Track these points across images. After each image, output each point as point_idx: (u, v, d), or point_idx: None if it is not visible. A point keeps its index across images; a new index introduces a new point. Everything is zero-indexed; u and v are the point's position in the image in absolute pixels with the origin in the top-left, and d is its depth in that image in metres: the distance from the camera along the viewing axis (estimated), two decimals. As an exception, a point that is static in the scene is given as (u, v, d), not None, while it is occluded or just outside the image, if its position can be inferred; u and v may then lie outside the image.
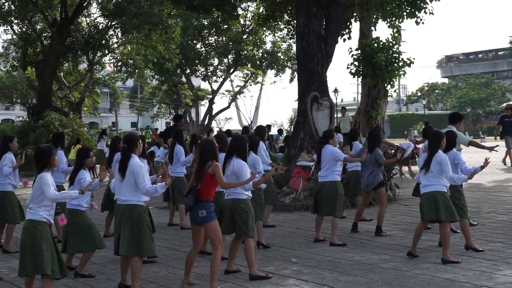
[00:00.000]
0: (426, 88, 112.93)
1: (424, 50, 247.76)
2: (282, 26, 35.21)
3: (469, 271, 8.49)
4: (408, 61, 21.15)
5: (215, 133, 26.39)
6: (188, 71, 49.41)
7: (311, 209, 11.60)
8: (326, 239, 10.93)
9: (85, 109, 47.95)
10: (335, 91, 68.79)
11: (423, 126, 12.96)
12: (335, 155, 10.62)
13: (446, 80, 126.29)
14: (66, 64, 39.37)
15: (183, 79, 50.92)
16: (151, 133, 42.04)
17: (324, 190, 10.72)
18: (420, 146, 12.35)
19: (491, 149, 11.64)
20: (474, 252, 9.63)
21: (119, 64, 42.66)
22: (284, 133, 35.10)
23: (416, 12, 21.71)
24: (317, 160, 11.00)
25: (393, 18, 22.06)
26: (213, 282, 7.63)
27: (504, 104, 32.71)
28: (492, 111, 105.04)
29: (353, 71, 21.66)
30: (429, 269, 8.66)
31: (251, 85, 52.51)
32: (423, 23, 22.02)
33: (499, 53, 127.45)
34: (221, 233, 7.86)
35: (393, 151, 13.83)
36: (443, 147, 9.13)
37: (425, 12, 21.69)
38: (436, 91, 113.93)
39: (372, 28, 22.48)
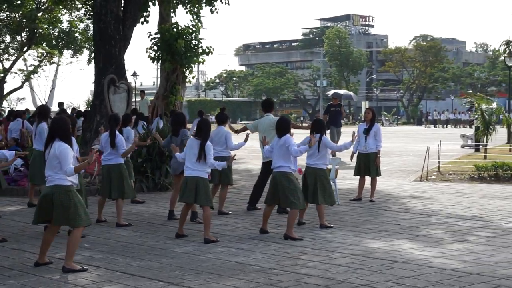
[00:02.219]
0: (224, 75, 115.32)
1: (223, 38, 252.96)
2: (79, 6, 34.13)
3: (258, 254, 8.79)
4: (207, 50, 21.40)
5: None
6: (-23, 47, 46.38)
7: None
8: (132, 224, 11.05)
9: None
10: (134, 74, 68.26)
11: (217, 112, 13.19)
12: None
13: (243, 68, 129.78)
14: None
15: (-29, 55, 47.73)
16: None
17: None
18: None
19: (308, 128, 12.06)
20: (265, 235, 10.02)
21: None
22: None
23: (212, 1, 22.02)
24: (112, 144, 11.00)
25: (192, 4, 22.22)
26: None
27: (330, 92, 30.52)
28: (285, 99, 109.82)
29: (152, 55, 21.52)
30: (221, 253, 8.84)
31: (46, 65, 50.41)
32: (217, 12, 22.38)
33: (293, 44, 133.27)
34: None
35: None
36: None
37: (221, 2, 22.08)
38: (234, 78, 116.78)
39: (172, 13, 22.47)
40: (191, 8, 22.23)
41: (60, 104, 27.79)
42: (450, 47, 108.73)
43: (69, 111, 31.27)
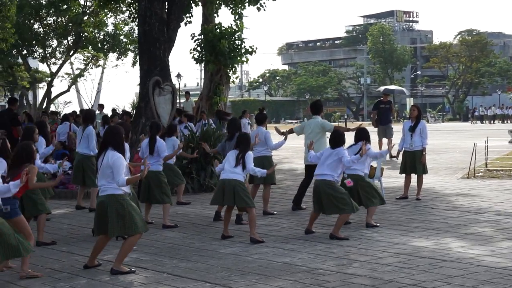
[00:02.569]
0: (267, 74, 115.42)
1: (266, 37, 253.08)
2: (124, 9, 34.49)
3: (305, 254, 8.76)
4: (251, 49, 21.44)
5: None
6: (25, 52, 47.25)
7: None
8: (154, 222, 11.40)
9: None
10: (178, 76, 68.69)
11: (257, 112, 13.21)
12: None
13: (286, 67, 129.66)
14: None
15: (20, 60, 48.64)
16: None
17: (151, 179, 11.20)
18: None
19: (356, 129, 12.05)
20: (311, 235, 9.98)
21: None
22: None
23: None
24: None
25: (235, 4, 22.26)
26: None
27: (381, 88, 29.41)
28: (329, 98, 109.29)
29: (195, 56, 21.66)
30: (267, 254, 8.84)
31: (92, 68, 51.09)
32: (264, 9, 22.34)
33: (336, 42, 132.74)
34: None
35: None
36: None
37: (267, -1, 22.05)
38: (277, 77, 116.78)
39: (215, 13, 22.58)
40: (235, 8, 22.27)
41: (101, 107, 28.10)
42: (497, 41, 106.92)
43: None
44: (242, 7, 22.35)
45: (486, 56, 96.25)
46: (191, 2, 22.15)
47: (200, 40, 21.24)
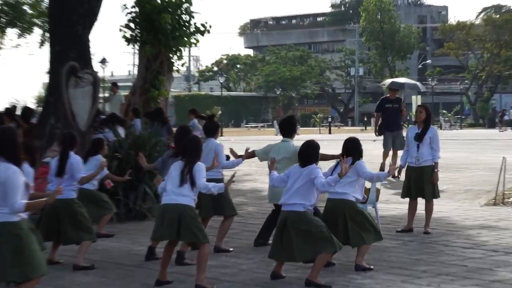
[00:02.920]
0: (224, 61, 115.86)
1: (224, 12, 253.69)
2: (29, -32, 34.25)
3: None
4: (203, 28, 21.38)
5: None
6: None
7: None
8: None
9: None
10: (103, 61, 68.56)
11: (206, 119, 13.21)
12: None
13: (251, 52, 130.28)
14: None
15: None
16: None
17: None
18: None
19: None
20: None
21: None
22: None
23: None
24: None
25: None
26: None
27: (387, 82, 27.78)
28: (308, 94, 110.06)
29: (127, 35, 21.53)
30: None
31: (-19, 48, 50.65)
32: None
33: (318, 19, 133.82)
34: None
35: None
36: None
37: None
38: (238, 65, 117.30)
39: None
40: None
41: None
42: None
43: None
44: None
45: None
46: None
47: (134, 14, 21.09)
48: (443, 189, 16.14)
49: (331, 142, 10.08)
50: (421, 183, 13.53)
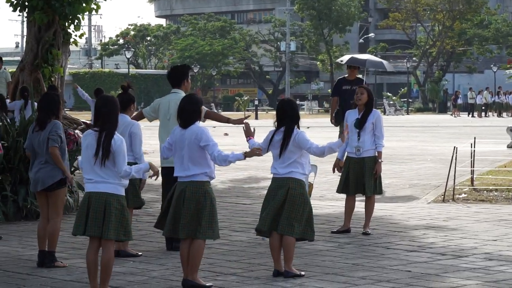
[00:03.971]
0: (132, 33, 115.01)
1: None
2: None
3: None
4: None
5: None
6: None
7: None
8: None
9: None
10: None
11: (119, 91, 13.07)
12: None
13: (163, 22, 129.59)
14: None
15: None
16: None
17: None
18: None
19: (240, 122, 12.06)
20: None
21: None
22: None
23: None
24: None
25: None
26: None
27: (345, 58, 23.79)
28: (230, 72, 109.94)
29: (12, 0, 21.32)
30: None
31: None
32: None
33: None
34: None
35: (77, 131, 13.79)
36: None
37: None
38: (148, 38, 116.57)
39: None
40: None
41: None
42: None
43: None
44: None
45: (475, 11, 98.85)
46: None
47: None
48: (385, 183, 16.35)
49: (258, 129, 10.00)
50: (361, 176, 13.65)
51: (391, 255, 12.15)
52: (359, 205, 14.06)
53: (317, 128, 43.65)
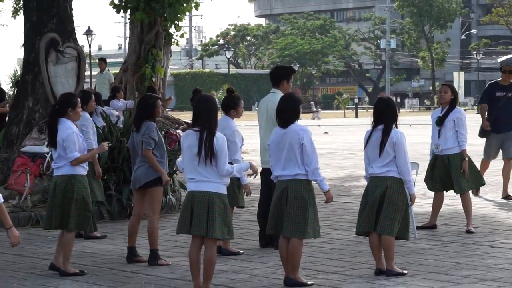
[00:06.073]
0: (232, 33, 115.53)
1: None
2: None
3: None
4: (204, -9, 21.44)
5: None
6: None
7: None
8: None
9: None
10: (89, 33, 68.46)
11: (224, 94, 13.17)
12: None
13: (263, 21, 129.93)
14: None
15: None
16: None
17: None
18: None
19: None
20: None
21: None
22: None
23: None
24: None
25: None
26: None
27: (501, 59, 20.71)
28: (330, 71, 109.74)
29: (116, 2, 21.62)
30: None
31: None
32: None
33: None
34: None
35: (178, 131, 13.92)
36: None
37: None
38: (248, 38, 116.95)
39: None
40: None
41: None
42: None
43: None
44: None
45: None
46: None
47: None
48: (489, 181, 16.20)
49: (358, 127, 10.00)
50: (446, 173, 13.80)
51: (496, 253, 12.07)
52: (459, 203, 14.01)
53: (417, 126, 43.30)
